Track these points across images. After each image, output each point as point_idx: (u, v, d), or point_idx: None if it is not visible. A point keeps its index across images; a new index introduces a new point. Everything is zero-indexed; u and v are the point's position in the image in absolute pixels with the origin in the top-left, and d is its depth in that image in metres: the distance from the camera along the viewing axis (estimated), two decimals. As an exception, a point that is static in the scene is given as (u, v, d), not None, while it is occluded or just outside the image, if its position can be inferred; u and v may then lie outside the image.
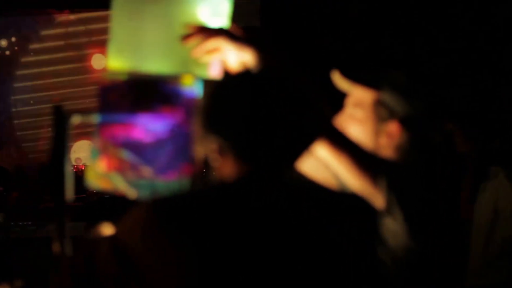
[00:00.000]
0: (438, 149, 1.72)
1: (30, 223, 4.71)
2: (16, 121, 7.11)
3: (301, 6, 5.88)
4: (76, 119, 1.39)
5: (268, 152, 1.21)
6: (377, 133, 1.66)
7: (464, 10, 5.60)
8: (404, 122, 1.64)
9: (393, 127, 1.64)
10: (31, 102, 7.09)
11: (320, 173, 1.58)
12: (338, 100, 1.73)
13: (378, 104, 1.66)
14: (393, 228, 1.46)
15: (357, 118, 1.69)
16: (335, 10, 5.79)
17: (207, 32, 1.47)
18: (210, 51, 1.48)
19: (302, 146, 1.26)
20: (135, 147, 1.39)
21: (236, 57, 1.47)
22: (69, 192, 1.37)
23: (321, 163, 1.53)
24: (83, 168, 6.12)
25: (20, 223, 4.69)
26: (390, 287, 1.50)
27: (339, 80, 1.71)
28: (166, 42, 1.48)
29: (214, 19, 1.51)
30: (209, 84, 1.30)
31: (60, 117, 1.38)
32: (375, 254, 1.32)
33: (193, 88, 1.43)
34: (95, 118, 1.42)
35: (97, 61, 6.92)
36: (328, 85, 1.62)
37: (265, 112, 1.20)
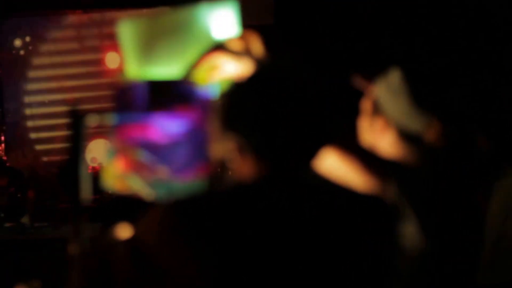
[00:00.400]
0: (449, 149, 1.71)
1: (46, 224, 4.74)
2: (30, 122, 7.13)
3: (316, 3, 5.91)
4: (91, 120, 1.39)
5: (288, 152, 1.20)
6: (370, 126, 1.69)
7: (464, 10, 5.60)
8: (391, 120, 1.66)
9: (380, 123, 1.66)
10: (46, 102, 7.10)
11: (337, 173, 1.58)
12: (343, 99, 1.75)
13: (373, 99, 1.69)
14: (407, 229, 1.46)
15: (366, 112, 1.72)
16: (337, 10, 5.81)
17: (205, 56, 1.52)
18: (212, 70, 1.51)
19: (320, 146, 1.25)
20: (152, 148, 1.39)
21: (236, 68, 1.50)
22: (85, 193, 1.37)
23: (336, 163, 1.54)
24: (98, 169, 6.14)
25: (36, 224, 4.71)
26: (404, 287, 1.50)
27: (359, 80, 1.73)
28: (176, 54, 1.55)
29: (223, 30, 1.54)
30: (227, 83, 1.30)
31: (76, 117, 1.38)
32: (390, 255, 1.31)
33: (209, 87, 1.43)
34: (110, 119, 1.42)
35: (111, 61, 6.92)
36: (337, 85, 1.64)
37: (285, 111, 1.19)
